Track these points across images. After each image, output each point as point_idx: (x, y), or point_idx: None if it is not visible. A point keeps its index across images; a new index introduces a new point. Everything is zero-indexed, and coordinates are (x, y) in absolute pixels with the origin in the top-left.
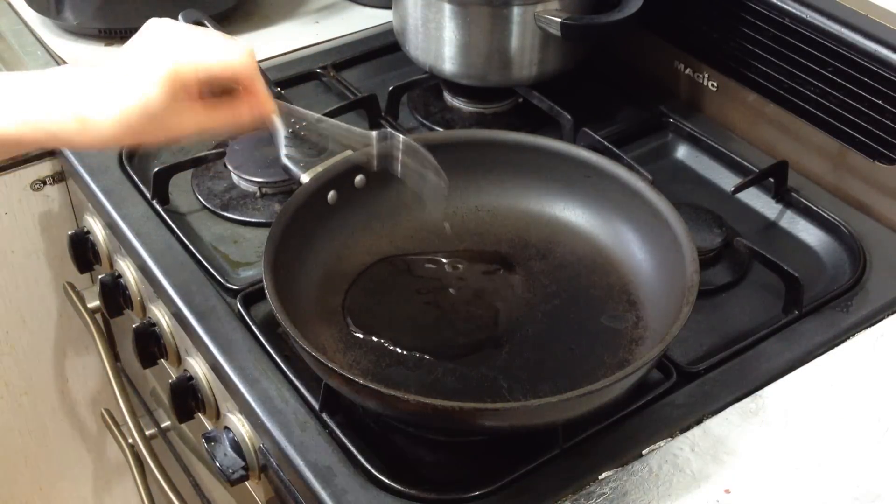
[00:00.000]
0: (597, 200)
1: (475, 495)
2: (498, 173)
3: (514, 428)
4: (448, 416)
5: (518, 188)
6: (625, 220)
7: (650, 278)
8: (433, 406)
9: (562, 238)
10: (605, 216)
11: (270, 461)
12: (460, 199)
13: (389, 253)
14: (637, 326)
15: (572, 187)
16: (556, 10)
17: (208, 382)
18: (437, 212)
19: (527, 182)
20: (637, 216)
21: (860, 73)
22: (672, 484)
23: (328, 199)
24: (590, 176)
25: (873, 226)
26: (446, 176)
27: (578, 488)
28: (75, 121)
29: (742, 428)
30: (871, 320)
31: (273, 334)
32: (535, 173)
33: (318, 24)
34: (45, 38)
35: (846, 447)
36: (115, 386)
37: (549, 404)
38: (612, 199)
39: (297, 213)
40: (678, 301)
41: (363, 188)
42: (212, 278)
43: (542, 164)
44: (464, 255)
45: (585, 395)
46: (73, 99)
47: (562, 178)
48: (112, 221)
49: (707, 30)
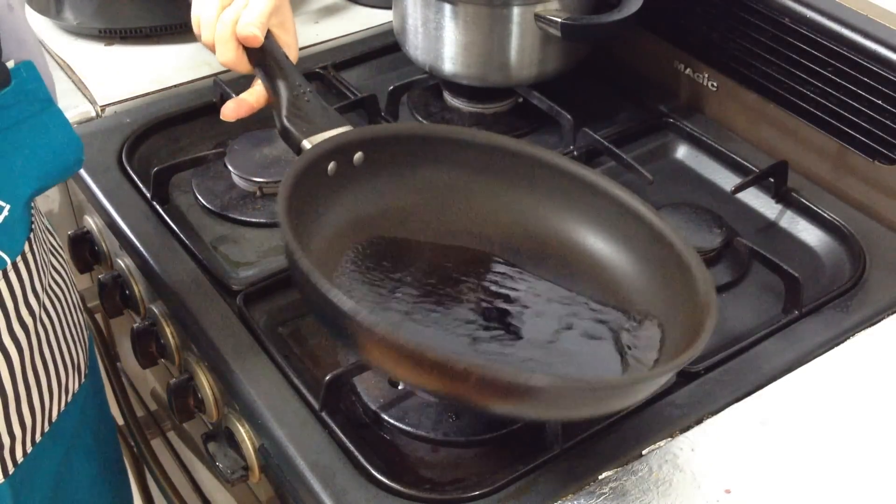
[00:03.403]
0: (599, 221)
1: (475, 495)
2: (497, 179)
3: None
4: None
5: (510, 195)
6: (624, 240)
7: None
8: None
9: (553, 251)
10: (605, 235)
11: (270, 461)
12: (455, 197)
13: (381, 234)
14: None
15: (571, 204)
16: (556, 10)
17: (208, 382)
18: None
19: (520, 191)
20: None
21: (860, 73)
22: (672, 484)
23: (328, 170)
24: (595, 196)
25: (873, 226)
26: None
27: (578, 488)
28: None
29: (742, 428)
30: (871, 320)
31: (273, 334)
32: (529, 182)
33: (318, 24)
34: (45, 38)
35: (846, 447)
36: (115, 386)
37: (576, 387)
38: (613, 221)
39: (301, 175)
40: (692, 316)
41: (360, 165)
42: (212, 278)
43: (534, 173)
44: (457, 251)
45: (605, 387)
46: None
47: (558, 191)
48: (112, 221)
49: (707, 30)
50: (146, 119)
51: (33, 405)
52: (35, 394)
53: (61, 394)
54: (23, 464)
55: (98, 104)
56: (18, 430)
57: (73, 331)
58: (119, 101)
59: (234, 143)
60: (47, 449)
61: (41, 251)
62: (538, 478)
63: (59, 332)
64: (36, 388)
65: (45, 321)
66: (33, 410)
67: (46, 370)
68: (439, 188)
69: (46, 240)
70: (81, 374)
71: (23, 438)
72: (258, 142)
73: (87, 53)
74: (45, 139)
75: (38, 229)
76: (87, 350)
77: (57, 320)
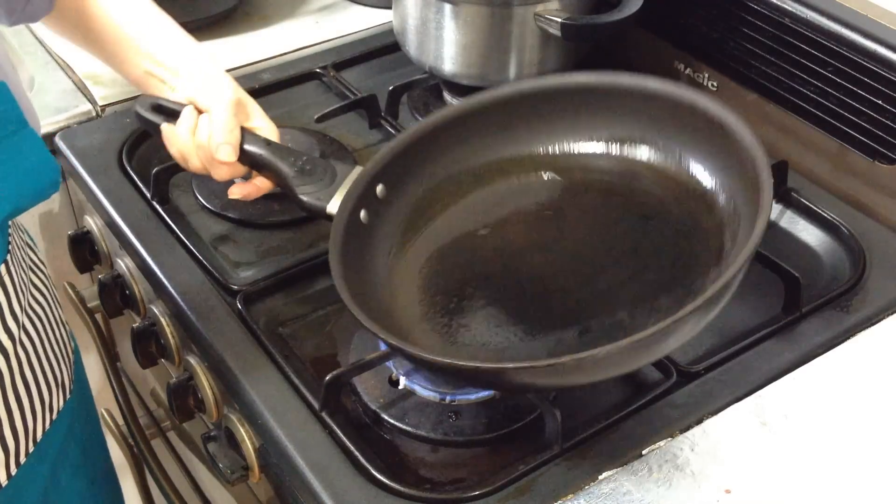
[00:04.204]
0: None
1: (475, 495)
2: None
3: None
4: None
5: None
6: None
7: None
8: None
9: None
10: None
11: (270, 461)
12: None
13: (436, 248)
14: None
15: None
16: (556, 10)
17: (208, 382)
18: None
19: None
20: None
21: (860, 73)
22: (672, 484)
23: (361, 220)
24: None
25: (873, 226)
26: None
27: (578, 488)
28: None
29: (742, 428)
30: (871, 320)
31: (273, 334)
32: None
33: (318, 24)
34: (45, 38)
35: (846, 447)
36: (115, 386)
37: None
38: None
39: (344, 244)
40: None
41: (385, 197)
42: (212, 278)
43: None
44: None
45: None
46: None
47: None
48: (112, 221)
49: (707, 30)
50: None
51: (16, 428)
52: (17, 417)
53: (45, 413)
54: (7, 486)
55: (98, 104)
56: (0, 454)
57: (56, 348)
58: (119, 101)
59: None
60: (32, 469)
61: (19, 272)
62: (538, 478)
63: (42, 352)
64: (18, 411)
65: (26, 343)
66: (16, 434)
67: (29, 392)
68: (454, 170)
69: (26, 256)
70: (66, 391)
71: (6, 462)
72: None
73: (87, 53)
74: (19, 161)
75: (16, 248)
76: (71, 365)
77: (38, 340)
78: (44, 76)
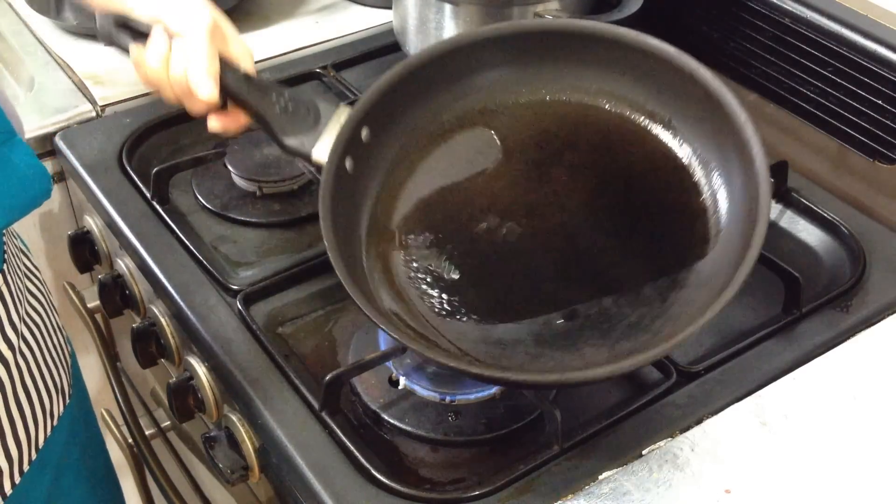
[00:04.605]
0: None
1: (475, 495)
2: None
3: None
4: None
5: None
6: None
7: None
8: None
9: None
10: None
11: (270, 461)
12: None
13: (417, 200)
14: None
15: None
16: (556, 11)
17: (208, 382)
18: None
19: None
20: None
21: (860, 73)
22: (672, 484)
23: (347, 169)
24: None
25: (873, 226)
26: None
27: (578, 488)
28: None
29: (742, 428)
30: (871, 320)
31: (273, 334)
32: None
33: (318, 24)
34: (45, 38)
35: (846, 447)
36: (115, 386)
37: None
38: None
39: (334, 195)
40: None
41: (369, 141)
42: (212, 278)
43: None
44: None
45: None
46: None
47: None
48: (112, 221)
49: (707, 30)
50: (146, 119)
51: (19, 437)
52: (20, 425)
53: (46, 420)
54: (11, 496)
55: (98, 104)
56: (5, 463)
57: (55, 354)
58: (119, 101)
59: (234, 143)
60: (36, 476)
61: (16, 280)
62: (538, 478)
63: (41, 360)
64: (20, 419)
65: (26, 351)
66: (19, 442)
67: (30, 400)
68: (438, 113)
69: (21, 264)
70: (65, 396)
71: (10, 471)
72: (258, 142)
73: (87, 53)
74: (9, 171)
75: (11, 256)
76: (69, 370)
77: (37, 348)
78: (44, 76)
